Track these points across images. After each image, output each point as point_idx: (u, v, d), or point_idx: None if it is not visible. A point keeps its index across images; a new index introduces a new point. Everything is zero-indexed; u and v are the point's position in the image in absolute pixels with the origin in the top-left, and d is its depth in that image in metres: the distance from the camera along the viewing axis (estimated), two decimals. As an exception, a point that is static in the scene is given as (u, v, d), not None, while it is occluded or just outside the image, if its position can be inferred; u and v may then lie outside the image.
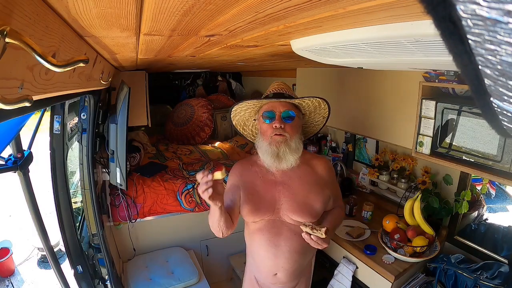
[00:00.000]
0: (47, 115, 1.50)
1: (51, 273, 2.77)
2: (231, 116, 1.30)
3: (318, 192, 1.22)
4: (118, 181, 1.68)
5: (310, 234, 1.05)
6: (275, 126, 1.13)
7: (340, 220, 1.32)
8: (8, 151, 1.22)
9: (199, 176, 0.96)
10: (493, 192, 1.65)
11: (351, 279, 1.60)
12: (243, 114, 1.28)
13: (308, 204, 1.19)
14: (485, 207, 1.65)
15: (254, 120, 1.29)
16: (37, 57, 0.30)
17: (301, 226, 1.08)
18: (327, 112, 1.27)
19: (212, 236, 2.37)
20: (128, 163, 1.96)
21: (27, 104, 0.31)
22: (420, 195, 1.58)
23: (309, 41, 0.79)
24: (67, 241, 1.60)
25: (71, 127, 1.73)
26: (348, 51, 0.81)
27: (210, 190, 0.95)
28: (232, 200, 1.22)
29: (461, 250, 1.58)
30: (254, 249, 1.26)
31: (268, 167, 1.22)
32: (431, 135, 1.38)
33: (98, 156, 1.78)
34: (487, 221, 1.63)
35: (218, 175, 0.97)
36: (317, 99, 1.19)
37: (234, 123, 1.33)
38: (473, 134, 1.22)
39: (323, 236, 1.03)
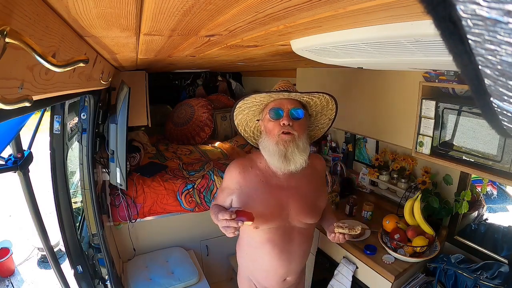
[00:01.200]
0: (47, 115, 1.49)
1: (51, 273, 2.77)
2: (234, 114, 1.20)
3: (322, 190, 1.25)
4: (118, 181, 1.68)
5: (344, 234, 1.08)
6: (283, 124, 1.07)
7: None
8: (8, 151, 1.22)
9: (226, 216, 0.97)
10: (494, 192, 1.65)
11: (351, 279, 1.60)
12: (247, 113, 1.19)
13: (316, 205, 1.20)
14: (485, 207, 1.65)
15: (258, 120, 1.20)
16: (37, 57, 0.30)
17: (336, 228, 1.08)
18: (334, 114, 1.22)
19: (212, 236, 2.39)
20: (128, 163, 1.96)
21: (27, 104, 0.31)
22: (420, 195, 1.58)
23: (309, 41, 0.79)
24: (67, 241, 1.60)
25: (71, 127, 1.73)
26: (348, 51, 0.81)
27: (236, 233, 1.00)
28: (225, 202, 1.21)
29: (461, 250, 1.58)
30: (262, 260, 1.19)
31: (274, 170, 1.15)
32: (431, 135, 1.37)
33: (98, 156, 1.78)
34: (487, 221, 1.63)
35: (249, 223, 1.00)
36: (326, 96, 1.14)
37: (236, 123, 1.23)
38: (473, 134, 1.22)
39: (359, 232, 1.08)
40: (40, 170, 2.02)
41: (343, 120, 1.97)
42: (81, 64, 0.37)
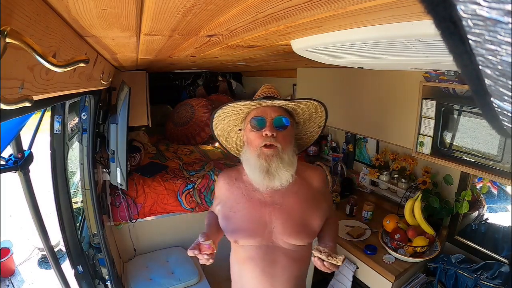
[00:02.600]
0: (48, 115, 1.50)
1: (51, 273, 2.77)
2: (213, 124, 1.09)
3: (316, 208, 1.06)
4: (119, 181, 1.68)
5: (323, 260, 0.91)
6: (266, 134, 0.96)
7: (338, 229, 1.20)
8: (8, 151, 1.22)
9: (191, 253, 0.94)
10: (495, 191, 1.65)
11: (351, 279, 1.60)
12: (227, 122, 1.09)
13: (306, 224, 1.03)
14: (485, 207, 1.65)
15: (240, 130, 1.10)
16: (38, 57, 0.30)
17: (314, 252, 0.93)
18: (324, 121, 1.10)
19: (213, 236, 2.37)
20: (128, 163, 1.96)
21: (27, 104, 0.31)
22: (420, 195, 1.58)
23: (310, 41, 0.79)
24: (67, 241, 1.60)
25: (71, 127, 1.73)
26: (348, 51, 0.81)
27: (211, 260, 0.97)
28: (215, 209, 1.16)
29: (462, 250, 1.58)
30: (245, 279, 1.08)
31: (256, 185, 1.03)
32: (432, 135, 1.37)
33: (98, 156, 1.78)
34: (487, 221, 1.63)
35: (210, 250, 0.98)
36: (314, 103, 1.03)
37: (216, 134, 1.12)
38: (473, 134, 1.22)
39: (340, 264, 0.91)
40: (40, 170, 2.02)
41: (343, 120, 1.97)
42: (82, 64, 0.37)
